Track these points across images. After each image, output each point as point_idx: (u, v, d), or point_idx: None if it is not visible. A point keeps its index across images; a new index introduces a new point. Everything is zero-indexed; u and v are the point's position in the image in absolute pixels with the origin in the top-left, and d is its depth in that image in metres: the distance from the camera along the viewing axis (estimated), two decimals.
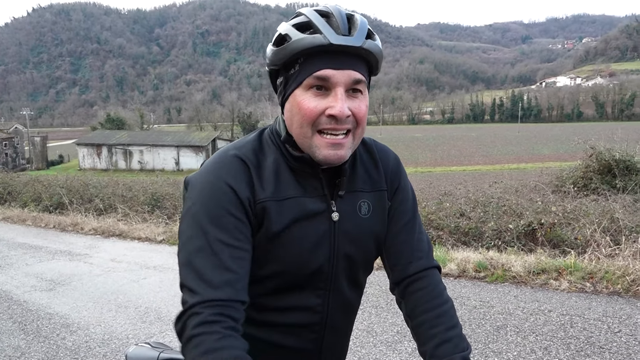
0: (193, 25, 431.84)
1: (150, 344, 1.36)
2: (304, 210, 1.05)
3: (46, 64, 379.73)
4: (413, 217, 1.19)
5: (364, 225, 1.12)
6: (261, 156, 1.07)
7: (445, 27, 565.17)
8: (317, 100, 0.99)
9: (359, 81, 1.00)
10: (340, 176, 1.08)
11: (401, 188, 1.20)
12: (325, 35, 0.96)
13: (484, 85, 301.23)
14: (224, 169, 1.01)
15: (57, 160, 76.07)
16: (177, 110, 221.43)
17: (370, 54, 1.01)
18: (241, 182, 1.00)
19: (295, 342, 1.11)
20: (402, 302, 1.16)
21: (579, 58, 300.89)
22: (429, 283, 1.12)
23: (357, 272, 1.16)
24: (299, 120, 1.00)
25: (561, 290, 4.41)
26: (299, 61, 1.00)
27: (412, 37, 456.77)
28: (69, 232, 8.89)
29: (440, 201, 8.28)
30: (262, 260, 1.04)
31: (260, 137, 1.12)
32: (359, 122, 1.02)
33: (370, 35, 1.02)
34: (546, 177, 11.98)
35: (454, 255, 5.42)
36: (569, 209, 6.84)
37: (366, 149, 1.19)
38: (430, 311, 1.08)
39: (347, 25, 0.99)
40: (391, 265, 1.17)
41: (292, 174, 1.06)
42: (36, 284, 5.52)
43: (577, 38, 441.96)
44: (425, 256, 1.16)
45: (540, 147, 65.74)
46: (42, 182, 14.37)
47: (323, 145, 1.00)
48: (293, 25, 1.00)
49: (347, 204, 1.10)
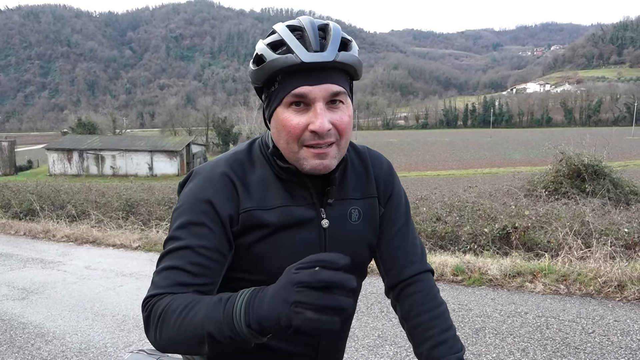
0: (166, 29, 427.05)
1: (146, 351, 1.35)
2: (292, 218, 1.07)
3: (14, 67, 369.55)
4: (406, 223, 1.22)
5: (354, 231, 1.15)
6: (250, 167, 1.10)
7: (418, 33, 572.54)
8: (298, 116, 1.01)
9: (337, 93, 1.01)
10: (330, 185, 1.10)
11: (394, 194, 1.23)
12: (296, 54, 0.97)
13: (456, 91, 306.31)
14: (211, 186, 1.05)
15: (25, 165, 73.93)
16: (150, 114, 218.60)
17: (346, 65, 1.01)
18: (223, 199, 1.04)
19: (291, 347, 1.13)
20: (397, 305, 1.19)
21: (548, 65, 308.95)
22: (423, 286, 1.16)
23: None
24: (285, 137, 1.02)
25: (536, 292, 4.52)
26: (277, 79, 1.02)
27: (386, 43, 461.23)
28: (40, 239, 8.67)
29: (416, 205, 8.38)
30: (252, 267, 1.07)
31: (251, 148, 1.15)
32: (341, 133, 1.03)
33: (345, 45, 1.03)
34: (518, 181, 12.23)
35: (432, 259, 5.49)
36: (541, 213, 7.00)
37: (359, 156, 1.22)
38: (425, 314, 1.11)
39: (318, 40, 0.99)
40: (386, 269, 1.20)
41: (280, 184, 1.09)
42: (7, 292, 5.37)
43: (546, 45, 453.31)
44: (419, 260, 1.19)
45: (511, 152, 67.05)
46: (10, 188, 13.96)
47: (309, 156, 1.02)
48: (267, 45, 1.02)
49: (337, 211, 1.12)
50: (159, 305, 0.95)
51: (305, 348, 1.15)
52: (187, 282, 0.99)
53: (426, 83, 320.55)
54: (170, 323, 0.91)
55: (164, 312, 0.93)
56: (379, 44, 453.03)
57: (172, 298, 0.95)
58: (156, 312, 0.95)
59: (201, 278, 1.00)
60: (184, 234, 1.02)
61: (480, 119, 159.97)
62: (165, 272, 1.00)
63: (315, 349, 1.16)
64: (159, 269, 1.02)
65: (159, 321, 0.94)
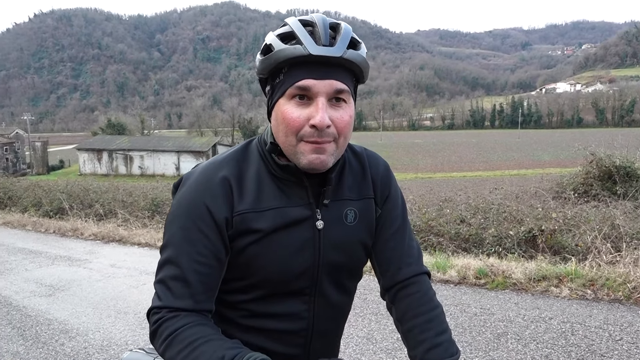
0: (194, 31, 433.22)
1: (145, 350, 1.36)
2: (286, 219, 1.06)
3: (47, 69, 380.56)
4: (403, 224, 1.21)
5: (350, 232, 1.14)
6: (244, 167, 1.09)
7: (445, 33, 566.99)
8: (299, 110, 1.00)
9: (341, 91, 1.01)
10: (326, 185, 1.09)
11: (391, 196, 1.22)
12: (305, 46, 0.97)
13: (484, 91, 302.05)
14: (206, 190, 1.04)
15: (57, 165, 76.06)
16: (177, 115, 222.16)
17: (353, 64, 1.01)
18: (220, 203, 1.03)
19: (283, 348, 1.12)
20: (392, 307, 1.17)
21: (579, 64, 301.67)
22: (419, 289, 1.14)
23: (344, 278, 1.17)
24: (284, 129, 1.02)
25: (562, 297, 4.39)
26: (283, 71, 1.01)
27: (412, 44, 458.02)
28: (69, 237, 8.87)
29: (440, 207, 8.27)
30: (245, 268, 1.06)
31: (247, 147, 1.15)
32: (340, 132, 1.02)
33: (354, 45, 1.03)
34: (546, 183, 12.00)
35: (455, 262, 5.41)
36: (569, 216, 6.83)
37: (356, 157, 1.21)
38: (420, 316, 1.10)
39: (328, 35, 1.00)
40: (382, 271, 1.19)
41: (275, 183, 1.08)
42: (35, 289, 5.51)
43: (577, 44, 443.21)
44: (415, 262, 1.18)
45: (540, 153, 65.80)
46: (42, 187, 14.37)
47: (307, 150, 1.01)
48: (277, 35, 1.02)
49: (332, 212, 1.12)
50: (166, 327, 0.98)
51: (298, 349, 1.14)
52: (189, 293, 1.00)
53: (453, 83, 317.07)
54: (174, 353, 0.95)
55: (171, 338, 0.96)
56: (405, 44, 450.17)
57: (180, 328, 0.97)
58: (162, 333, 0.98)
59: (201, 286, 1.01)
60: (181, 241, 1.02)
61: (508, 120, 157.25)
62: (166, 283, 1.01)
63: (307, 350, 1.15)
64: (159, 278, 1.03)
65: (164, 343, 0.97)
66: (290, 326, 1.11)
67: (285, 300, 1.10)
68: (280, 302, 1.10)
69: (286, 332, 1.12)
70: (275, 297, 1.09)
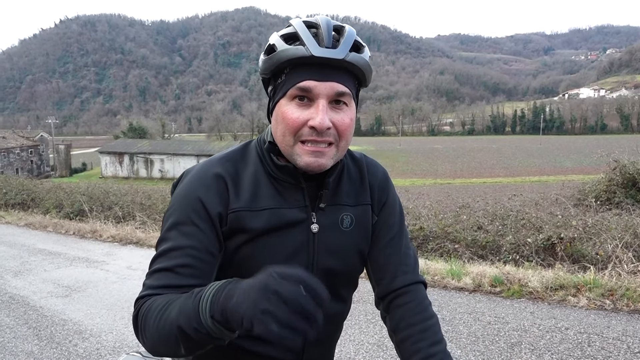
0: (215, 36, 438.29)
1: (142, 353, 1.35)
2: (280, 220, 1.05)
3: (72, 73, 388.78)
4: (400, 232, 1.19)
5: (345, 238, 1.12)
6: (242, 167, 1.09)
7: (465, 38, 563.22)
8: (300, 110, 1.00)
9: (342, 93, 1.00)
10: (323, 189, 1.08)
11: (389, 203, 1.21)
12: (307, 47, 0.97)
13: (505, 96, 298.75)
14: (201, 184, 1.04)
15: (80, 167, 77.46)
16: (197, 119, 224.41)
17: (355, 67, 1.01)
18: (214, 197, 1.03)
19: (276, 353, 1.11)
20: (386, 316, 1.15)
21: (603, 69, 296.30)
22: (414, 298, 1.12)
23: (339, 286, 1.15)
24: (283, 129, 1.01)
25: (579, 307, 4.29)
26: (285, 71, 1.01)
27: (432, 48, 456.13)
28: (88, 239, 8.99)
29: (457, 213, 8.17)
30: (239, 269, 1.05)
31: (246, 147, 1.15)
32: (341, 135, 1.02)
33: (357, 48, 1.02)
34: (568, 190, 11.80)
35: (470, 269, 5.33)
36: (590, 224, 6.67)
37: (355, 163, 1.21)
38: (414, 326, 1.08)
39: (331, 37, 0.99)
40: (376, 279, 1.17)
41: (272, 184, 1.08)
42: (53, 290, 5.59)
43: (601, 49, 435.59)
44: (411, 271, 1.15)
45: (562, 160, 64.73)
46: (64, 189, 14.62)
47: (304, 152, 1.00)
48: (281, 36, 1.02)
49: (328, 216, 1.11)
50: (142, 306, 0.96)
51: (291, 355, 1.13)
52: (177, 284, 0.98)
53: (473, 88, 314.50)
54: (150, 322, 0.91)
55: (145, 313, 0.94)
56: (425, 49, 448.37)
57: (154, 298, 0.95)
58: (140, 315, 0.96)
59: (191, 279, 0.99)
60: (174, 235, 1.02)
61: (530, 125, 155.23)
62: (156, 275, 1.00)
63: (300, 356, 1.14)
64: (150, 271, 1.02)
65: (142, 322, 0.94)
66: None
67: None
68: None
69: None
70: None
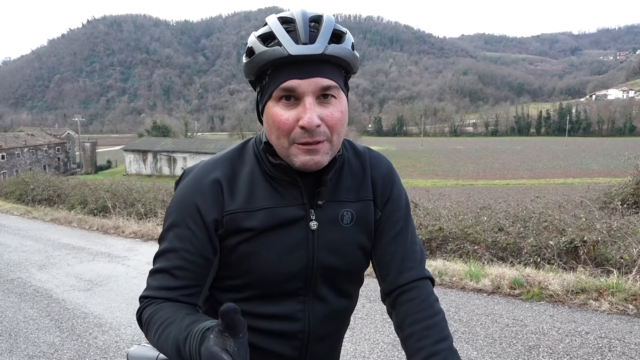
0: (238, 36, 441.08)
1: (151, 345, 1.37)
2: (278, 219, 1.05)
3: (98, 73, 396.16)
4: (405, 227, 1.16)
5: (345, 234, 1.11)
6: (239, 167, 1.09)
7: (490, 38, 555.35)
8: (288, 111, 0.97)
9: (328, 87, 0.97)
10: (321, 186, 1.07)
11: (393, 198, 1.17)
12: (284, 47, 0.94)
13: (530, 97, 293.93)
14: (198, 191, 1.05)
15: (105, 165, 78.92)
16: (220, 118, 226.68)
17: (338, 59, 0.97)
18: (210, 204, 1.04)
19: (279, 348, 1.11)
20: (392, 312, 1.13)
21: (633, 70, 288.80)
22: (419, 294, 1.10)
23: (342, 282, 1.15)
24: (276, 132, 1.00)
25: (601, 311, 4.20)
26: (267, 72, 0.99)
27: (455, 48, 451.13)
28: (110, 234, 9.17)
29: (478, 215, 8.07)
30: (238, 266, 1.06)
31: (244, 147, 1.14)
32: (332, 129, 0.99)
33: (338, 37, 0.99)
34: (593, 193, 11.53)
35: (489, 271, 5.27)
36: (615, 227, 6.52)
37: (358, 157, 1.18)
38: (420, 322, 1.05)
39: (308, 32, 0.95)
40: (382, 275, 1.15)
41: (269, 183, 1.07)
42: (75, 283, 5.72)
43: (631, 49, 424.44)
44: (417, 266, 1.13)
45: (588, 162, 63.42)
46: (89, 185, 14.96)
47: (300, 152, 0.99)
48: (258, 37, 0.99)
49: (328, 213, 1.09)
50: (147, 311, 1.03)
51: (294, 351, 1.13)
52: (173, 286, 1.03)
53: (497, 89, 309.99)
54: (152, 334, 0.99)
55: (148, 320, 1.01)
56: (448, 49, 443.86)
57: (154, 309, 1.01)
58: (144, 317, 1.03)
59: (185, 281, 1.03)
60: (171, 236, 1.05)
61: (555, 127, 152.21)
62: (155, 275, 1.06)
63: (304, 353, 1.13)
64: (152, 270, 1.07)
65: (145, 327, 1.02)
66: (286, 327, 1.10)
67: (280, 301, 1.09)
68: (275, 302, 1.08)
69: (282, 333, 1.10)
70: (270, 298, 1.08)
